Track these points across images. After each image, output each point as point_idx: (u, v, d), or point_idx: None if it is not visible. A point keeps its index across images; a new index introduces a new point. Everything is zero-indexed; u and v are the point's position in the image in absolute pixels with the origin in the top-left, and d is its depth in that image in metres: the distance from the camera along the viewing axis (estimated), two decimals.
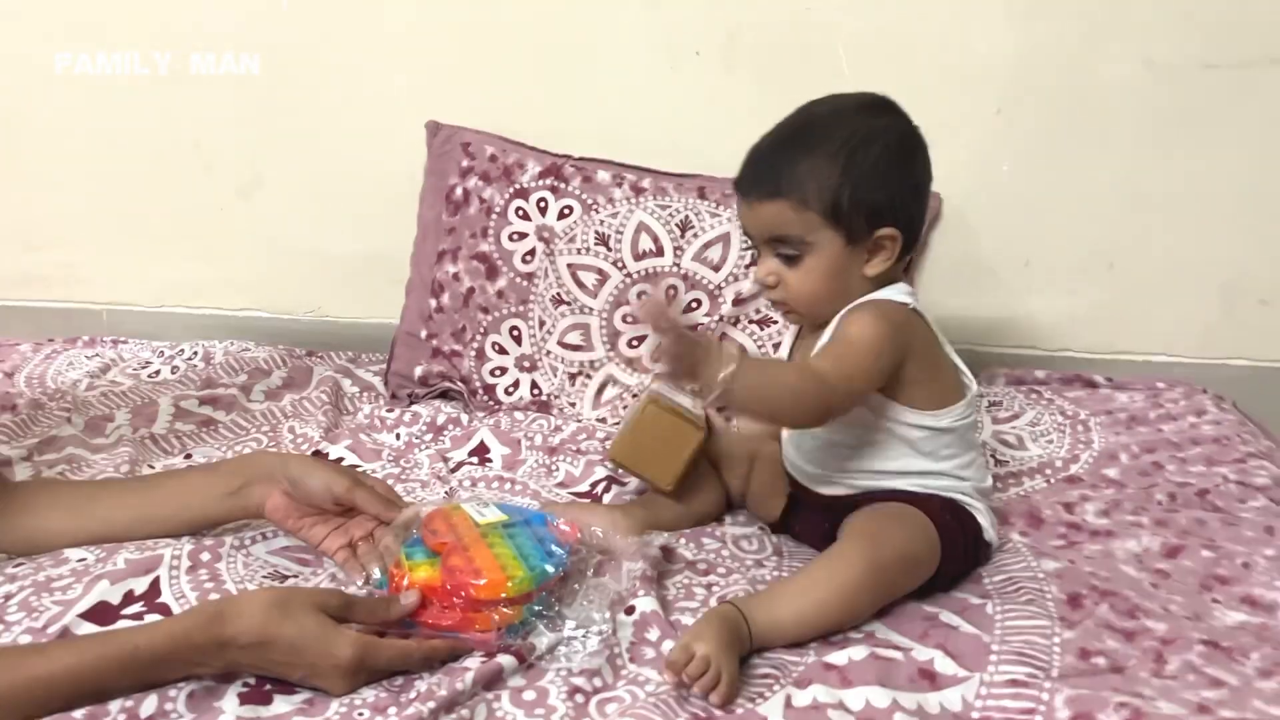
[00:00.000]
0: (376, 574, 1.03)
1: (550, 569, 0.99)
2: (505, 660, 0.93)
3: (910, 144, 1.09)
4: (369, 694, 0.90)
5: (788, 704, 0.87)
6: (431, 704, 0.86)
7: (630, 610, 1.01)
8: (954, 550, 1.07)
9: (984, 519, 1.12)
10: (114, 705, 0.87)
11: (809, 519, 1.17)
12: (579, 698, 0.91)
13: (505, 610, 0.96)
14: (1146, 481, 1.30)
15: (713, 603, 1.04)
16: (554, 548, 1.01)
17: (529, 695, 0.91)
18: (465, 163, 1.65)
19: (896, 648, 0.96)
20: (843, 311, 1.09)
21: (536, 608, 0.98)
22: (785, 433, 1.20)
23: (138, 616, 0.99)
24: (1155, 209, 1.61)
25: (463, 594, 0.96)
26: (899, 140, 1.08)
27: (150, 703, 0.87)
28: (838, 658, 0.94)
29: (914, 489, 1.10)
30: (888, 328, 1.05)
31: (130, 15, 1.75)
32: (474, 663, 0.93)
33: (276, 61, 1.74)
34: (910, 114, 1.11)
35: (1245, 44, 1.52)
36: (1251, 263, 1.61)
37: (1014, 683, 0.91)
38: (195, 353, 1.74)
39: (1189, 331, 1.65)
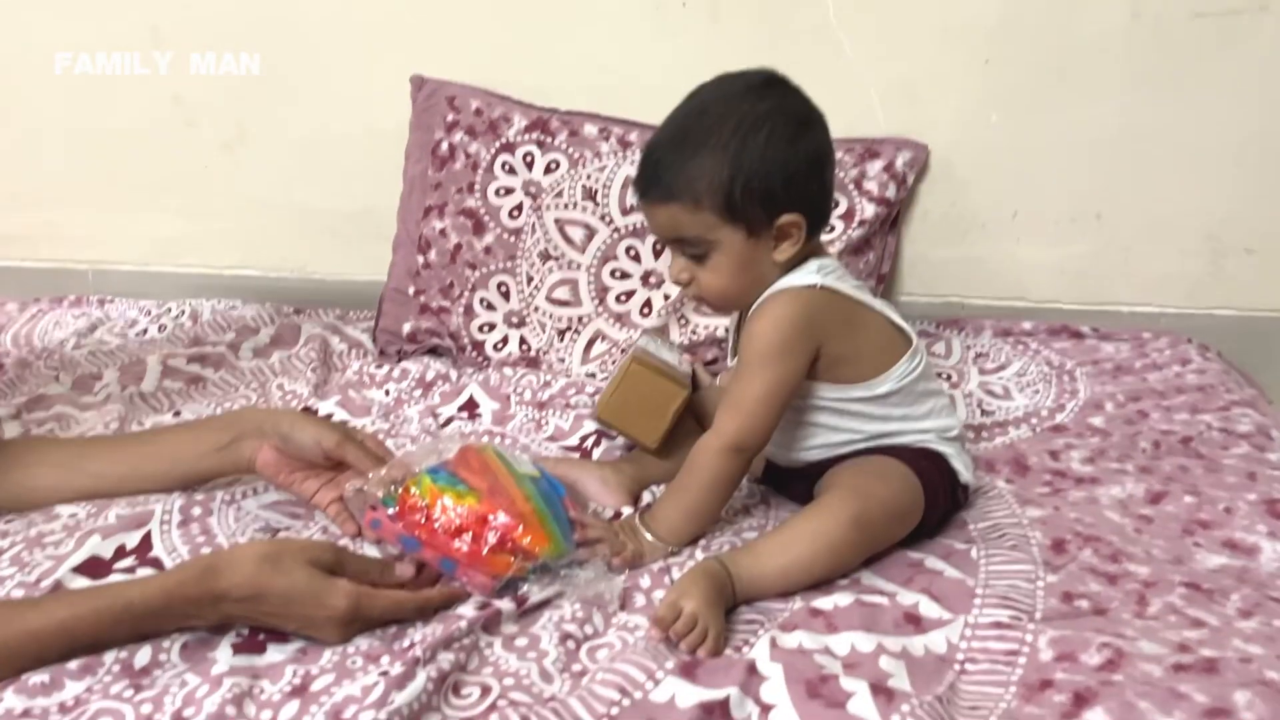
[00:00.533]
0: (380, 493, 1.02)
1: (571, 548, 1.01)
2: (504, 606, 0.94)
3: (801, 120, 1.05)
4: (362, 643, 0.91)
5: (773, 645, 0.88)
6: (426, 651, 0.87)
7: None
8: (935, 495, 1.08)
9: (957, 462, 1.12)
10: (108, 656, 0.88)
11: (787, 481, 1.18)
12: (570, 643, 0.92)
13: (523, 564, 0.97)
14: (1131, 430, 1.31)
15: (699, 554, 1.05)
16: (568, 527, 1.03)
17: (521, 641, 0.92)
18: (450, 117, 1.64)
19: (881, 593, 0.97)
20: (754, 307, 1.08)
21: (535, 570, 0.99)
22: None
23: (130, 571, 1.00)
24: (1143, 159, 1.60)
25: (500, 536, 0.97)
26: (786, 121, 1.03)
27: (144, 653, 0.88)
28: (823, 603, 0.95)
29: (882, 445, 1.10)
30: (788, 327, 1.04)
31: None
32: (468, 610, 0.94)
33: (259, 15, 1.72)
34: (891, 59, 1.08)
35: None
36: (1238, 212, 1.61)
37: (998, 625, 0.92)
38: (183, 311, 1.73)
39: (1175, 281, 1.66)
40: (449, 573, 0.98)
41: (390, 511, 1.00)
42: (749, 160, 1.01)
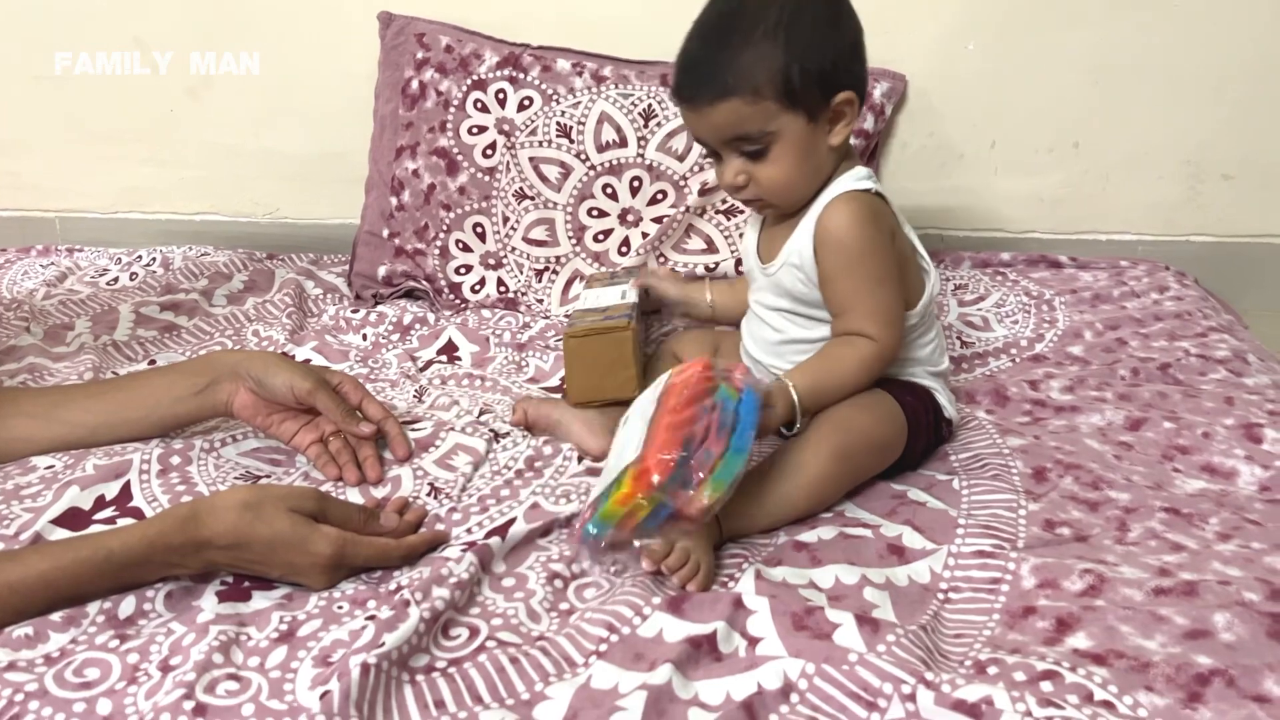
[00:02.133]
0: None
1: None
2: (493, 543, 0.94)
3: (838, 3, 1.06)
4: (348, 587, 0.91)
5: (758, 578, 0.88)
6: (417, 593, 0.87)
7: None
8: (918, 429, 1.08)
9: (942, 397, 1.13)
10: (92, 608, 0.87)
11: None
12: (558, 583, 0.92)
13: (642, 502, 0.86)
14: (1110, 358, 1.31)
15: None
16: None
17: (508, 582, 0.92)
18: (420, 54, 1.61)
19: (865, 525, 0.98)
20: (813, 214, 1.07)
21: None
22: (744, 326, 1.20)
23: (110, 521, 0.99)
24: (1120, 87, 1.59)
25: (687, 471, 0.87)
26: (825, 3, 1.05)
27: (128, 604, 0.88)
28: (807, 537, 0.96)
29: None
30: (871, 225, 1.05)
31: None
32: (454, 553, 0.94)
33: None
34: None
35: None
36: (1215, 138, 1.61)
37: (981, 554, 0.93)
38: (153, 259, 1.70)
39: (1153, 209, 1.66)
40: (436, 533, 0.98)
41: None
42: (800, 44, 1.01)
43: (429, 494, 1.05)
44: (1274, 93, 1.57)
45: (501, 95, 1.58)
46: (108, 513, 1.00)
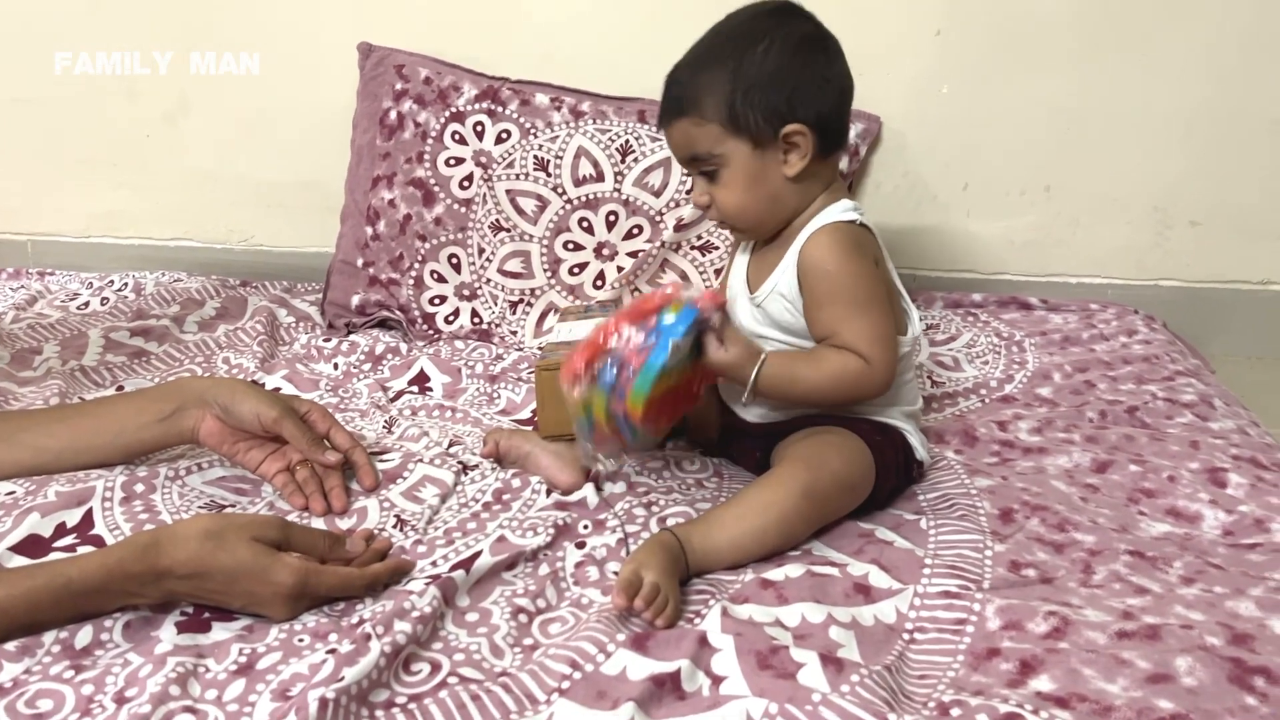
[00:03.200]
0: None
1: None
2: (457, 576, 0.94)
3: (810, 42, 1.06)
4: (309, 619, 0.90)
5: (724, 616, 0.88)
6: (378, 627, 0.86)
7: (581, 544, 1.02)
8: (887, 470, 1.08)
9: (914, 439, 1.14)
10: (47, 637, 0.86)
11: (741, 446, 1.18)
12: (522, 618, 0.91)
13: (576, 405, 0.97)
14: (1078, 400, 1.32)
15: (654, 525, 1.05)
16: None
17: (472, 616, 0.91)
18: (399, 85, 1.61)
19: (832, 564, 0.98)
20: (798, 244, 1.07)
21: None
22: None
23: (70, 549, 0.97)
24: (1091, 132, 1.62)
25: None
26: (788, 36, 1.05)
27: (85, 633, 0.87)
28: (774, 574, 0.95)
29: (844, 413, 1.11)
30: (856, 253, 1.05)
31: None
32: (418, 586, 0.93)
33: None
34: (842, 29, 1.09)
35: None
36: (1183, 185, 1.63)
37: (946, 594, 0.93)
38: (125, 284, 1.70)
39: (1123, 253, 1.68)
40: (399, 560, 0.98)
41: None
42: (748, 70, 1.04)
43: (395, 526, 1.04)
44: (1239, 141, 1.60)
45: (480, 128, 1.58)
46: (68, 540, 0.99)
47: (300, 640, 0.88)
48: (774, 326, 1.11)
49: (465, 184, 1.57)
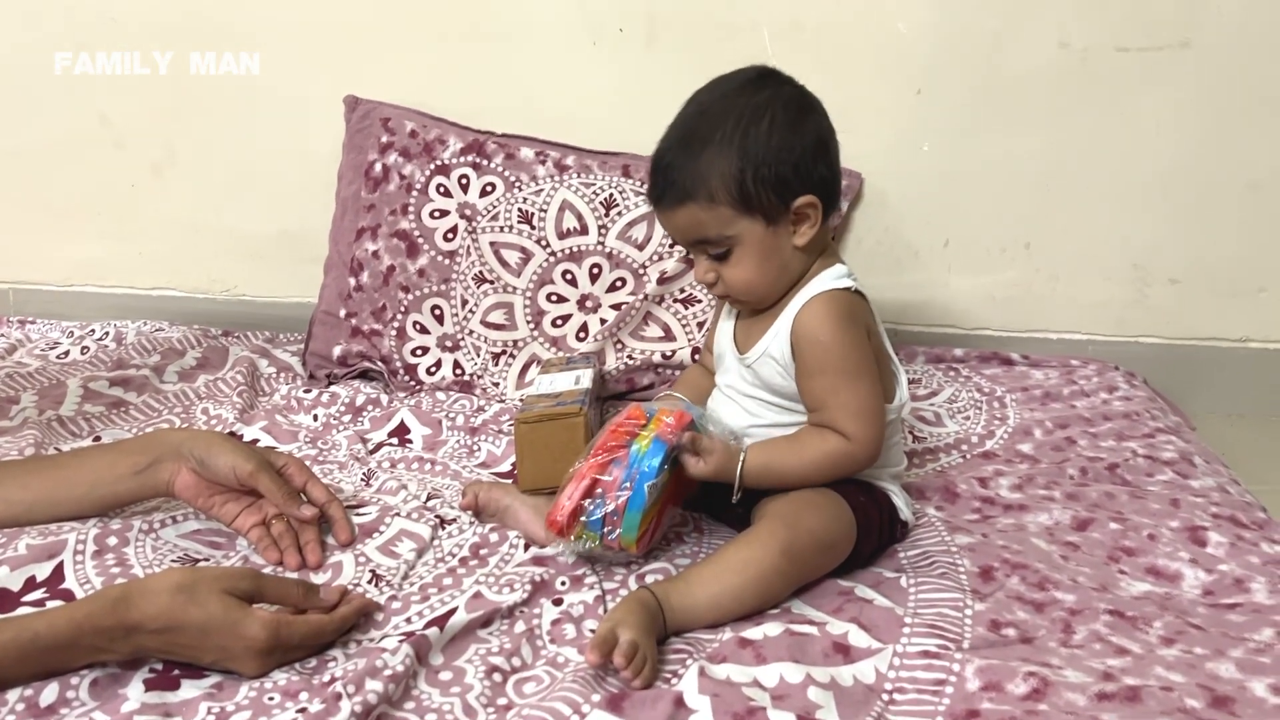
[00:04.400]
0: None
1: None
2: (431, 634, 0.92)
3: (800, 106, 1.06)
4: (280, 677, 0.89)
5: (702, 675, 0.87)
6: (349, 686, 0.85)
7: (558, 601, 1.01)
8: (870, 530, 1.08)
9: (899, 499, 1.13)
10: (12, 694, 0.84)
11: (723, 499, 1.17)
12: (496, 677, 0.90)
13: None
14: (1059, 456, 1.32)
15: (633, 582, 1.04)
16: None
17: (445, 675, 0.90)
18: (385, 138, 1.62)
19: (811, 622, 0.97)
20: (791, 310, 1.07)
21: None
22: (710, 407, 1.20)
23: (39, 604, 0.96)
24: (1070, 190, 1.64)
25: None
26: (786, 106, 1.05)
27: (51, 691, 0.85)
28: (753, 633, 0.94)
29: None
30: (849, 323, 1.05)
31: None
32: (391, 643, 0.92)
33: (188, 35, 1.69)
34: (824, 88, 1.09)
35: (1156, 28, 1.55)
36: (1162, 242, 1.65)
37: (926, 654, 0.92)
38: (106, 333, 1.69)
39: (1103, 310, 1.69)
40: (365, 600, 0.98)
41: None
42: (755, 149, 1.02)
43: (370, 581, 1.03)
44: (1216, 201, 1.62)
45: (464, 180, 1.59)
46: (37, 594, 0.97)
47: (270, 699, 0.86)
48: (764, 388, 1.11)
49: (449, 236, 1.58)
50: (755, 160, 1.02)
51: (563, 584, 1.04)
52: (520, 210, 1.57)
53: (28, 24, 1.73)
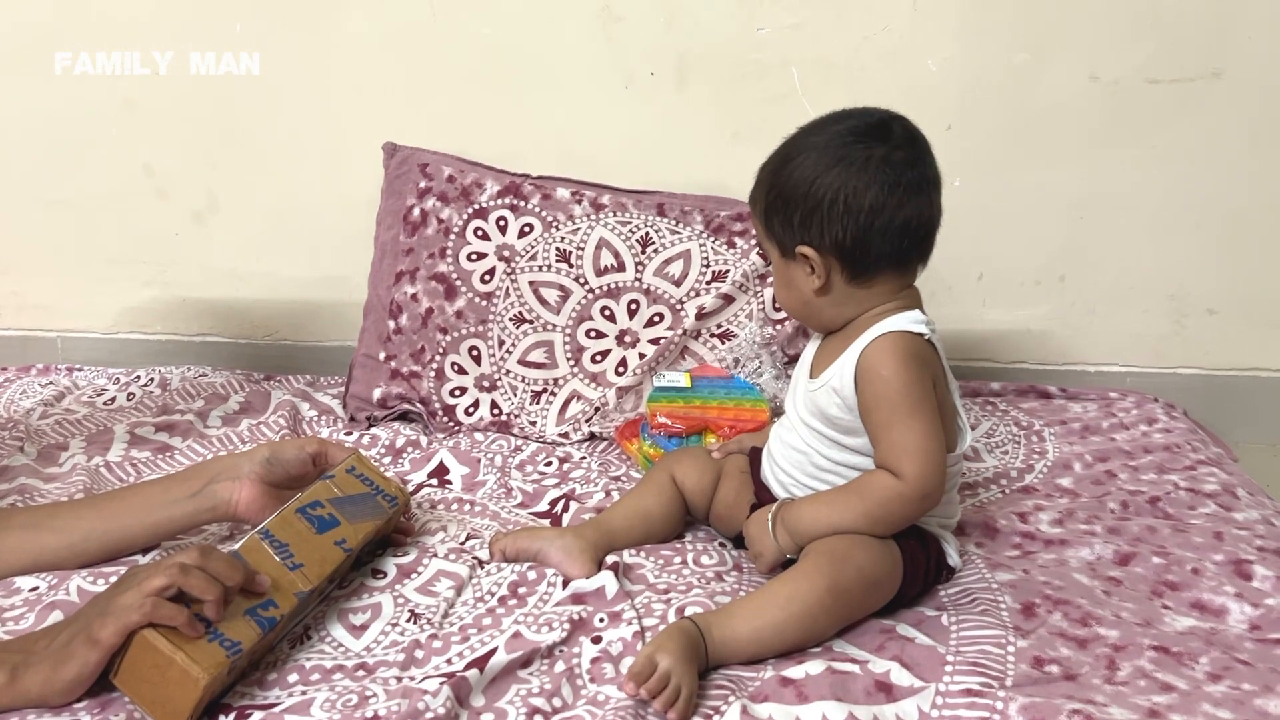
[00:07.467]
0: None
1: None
2: (471, 675, 0.93)
3: (851, 162, 1.02)
4: (321, 716, 0.89)
5: (744, 714, 0.87)
6: None
7: (597, 639, 1.01)
8: (916, 572, 1.07)
9: (949, 545, 1.12)
10: None
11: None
12: (538, 718, 0.90)
13: None
14: (1099, 490, 1.31)
15: (672, 616, 1.04)
16: None
17: (487, 717, 0.90)
18: (423, 184, 1.65)
19: (853, 660, 0.97)
20: (859, 344, 1.06)
21: None
22: (766, 454, 1.19)
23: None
24: (1104, 221, 1.63)
25: None
26: (833, 154, 1.03)
27: None
28: (795, 672, 0.94)
29: None
30: (915, 364, 1.03)
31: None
32: (432, 685, 0.92)
33: (231, 83, 1.73)
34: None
35: (1186, 59, 1.56)
36: (1198, 273, 1.64)
37: (969, 692, 0.92)
38: (151, 379, 1.72)
39: (1140, 341, 1.68)
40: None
41: None
42: (781, 180, 1.07)
43: (409, 620, 1.04)
44: (1253, 229, 1.61)
45: (502, 222, 1.61)
46: None
47: None
48: (819, 416, 1.10)
49: (487, 278, 1.60)
50: (776, 191, 1.07)
51: (601, 620, 1.04)
52: (558, 249, 1.59)
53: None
